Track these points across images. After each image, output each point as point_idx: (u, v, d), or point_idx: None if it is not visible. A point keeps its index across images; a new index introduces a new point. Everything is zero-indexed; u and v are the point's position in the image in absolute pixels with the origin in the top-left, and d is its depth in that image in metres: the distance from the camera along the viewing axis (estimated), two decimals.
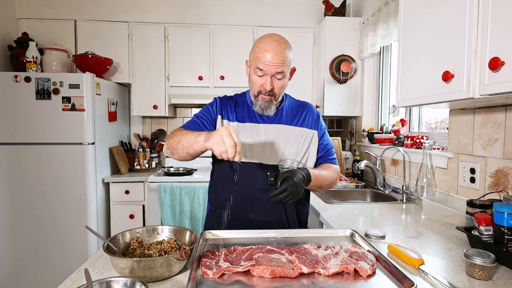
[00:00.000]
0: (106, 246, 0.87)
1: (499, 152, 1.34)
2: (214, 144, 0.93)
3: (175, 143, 1.10)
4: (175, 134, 1.15)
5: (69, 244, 2.38)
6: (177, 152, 1.11)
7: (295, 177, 1.07)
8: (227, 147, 0.91)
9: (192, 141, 1.04)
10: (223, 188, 1.25)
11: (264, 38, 1.17)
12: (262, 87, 1.17)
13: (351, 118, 2.99)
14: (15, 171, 2.33)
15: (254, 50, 1.17)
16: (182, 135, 1.10)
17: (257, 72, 1.16)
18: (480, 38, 1.01)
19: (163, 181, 2.51)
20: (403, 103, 1.48)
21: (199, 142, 1.02)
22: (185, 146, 1.07)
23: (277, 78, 1.16)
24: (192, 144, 1.04)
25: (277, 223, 1.23)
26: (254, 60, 1.16)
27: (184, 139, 1.08)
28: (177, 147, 1.10)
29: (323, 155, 1.32)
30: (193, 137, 1.04)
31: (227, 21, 2.93)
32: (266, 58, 1.12)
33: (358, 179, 2.46)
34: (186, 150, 1.08)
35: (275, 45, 1.13)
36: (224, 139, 0.91)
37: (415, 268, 0.91)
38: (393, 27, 2.15)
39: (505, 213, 0.93)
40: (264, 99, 1.19)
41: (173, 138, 1.13)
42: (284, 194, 1.05)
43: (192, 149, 1.06)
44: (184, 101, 2.85)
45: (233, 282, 0.79)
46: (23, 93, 2.30)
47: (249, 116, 1.26)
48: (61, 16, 2.79)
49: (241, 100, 1.31)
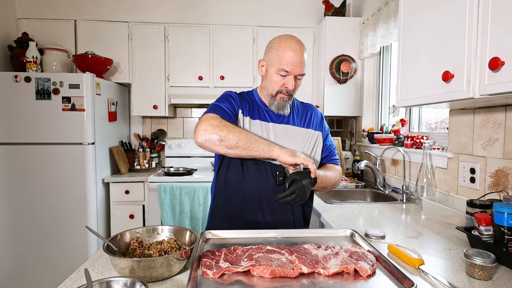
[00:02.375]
0: (106, 246, 0.87)
1: (499, 152, 1.34)
2: (305, 160, 1.09)
3: (242, 142, 1.07)
4: (229, 128, 1.08)
5: (69, 244, 2.38)
6: (237, 149, 1.08)
7: (303, 180, 1.08)
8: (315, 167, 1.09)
9: (267, 149, 1.09)
10: (231, 188, 1.24)
11: (288, 39, 1.18)
12: (284, 86, 1.19)
13: (351, 118, 2.99)
14: (15, 171, 2.33)
15: (278, 50, 1.17)
16: (247, 135, 1.09)
17: (280, 72, 1.17)
18: (480, 38, 1.01)
19: (163, 181, 2.51)
20: (403, 103, 1.48)
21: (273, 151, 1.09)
22: (255, 149, 1.08)
23: (298, 78, 1.20)
24: (265, 152, 1.09)
25: (284, 223, 1.24)
26: (278, 60, 1.17)
27: (255, 143, 1.08)
28: (242, 146, 1.07)
29: (326, 155, 1.35)
30: (267, 145, 1.10)
31: (227, 21, 2.93)
32: (293, 58, 1.15)
33: (358, 179, 2.46)
34: (253, 152, 1.09)
35: (299, 46, 1.17)
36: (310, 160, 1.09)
37: (415, 268, 0.91)
38: (393, 27, 2.15)
39: (505, 213, 0.93)
40: (282, 99, 1.21)
41: (232, 133, 1.07)
42: (292, 197, 1.07)
43: (261, 155, 1.10)
44: (184, 101, 2.85)
45: (233, 282, 0.79)
46: (23, 93, 2.30)
47: (259, 114, 1.25)
48: (61, 16, 2.79)
49: (249, 98, 1.30)
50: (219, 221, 1.26)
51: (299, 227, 1.27)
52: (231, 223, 1.23)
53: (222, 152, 1.10)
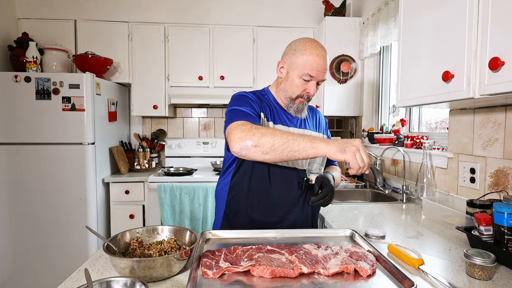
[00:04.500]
0: (106, 246, 0.87)
1: (499, 152, 1.34)
2: (353, 158, 0.91)
3: (277, 143, 0.95)
4: (262, 131, 0.97)
5: (69, 244, 2.38)
6: (275, 152, 0.95)
7: (331, 182, 1.12)
8: (365, 163, 0.92)
9: (309, 146, 0.94)
10: (255, 194, 1.22)
11: (313, 43, 1.16)
12: (306, 92, 1.18)
13: (351, 118, 2.98)
14: (15, 171, 2.33)
15: (303, 53, 1.14)
16: (283, 134, 0.96)
17: (304, 77, 1.15)
18: (480, 38, 1.01)
19: (163, 181, 2.51)
20: (403, 103, 1.48)
21: (320, 149, 0.94)
22: (294, 149, 0.95)
23: (319, 84, 1.20)
24: (308, 149, 0.94)
25: (304, 224, 1.27)
26: (303, 64, 1.14)
27: (292, 141, 0.95)
28: (280, 148, 0.95)
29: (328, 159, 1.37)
30: (309, 141, 0.95)
31: (227, 21, 2.93)
32: (318, 64, 1.14)
33: (358, 179, 2.46)
34: (294, 153, 0.95)
35: (324, 52, 1.17)
36: (362, 155, 0.92)
37: (415, 268, 0.91)
38: (393, 27, 2.15)
39: (505, 213, 0.93)
40: (302, 102, 1.21)
41: (266, 136, 0.96)
42: (326, 199, 1.10)
43: (304, 154, 0.95)
44: (184, 101, 2.85)
45: (233, 282, 0.79)
46: (23, 93, 2.30)
47: (279, 118, 1.23)
48: (61, 16, 2.79)
49: (265, 99, 1.25)
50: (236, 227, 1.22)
51: (315, 226, 1.33)
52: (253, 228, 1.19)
53: (260, 159, 0.99)
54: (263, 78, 2.93)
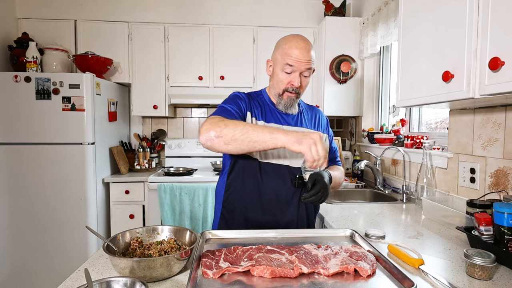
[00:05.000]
0: (106, 246, 0.87)
1: (499, 152, 1.34)
2: (308, 150, 0.91)
3: (238, 134, 0.98)
4: (227, 123, 1.01)
5: (69, 244, 2.38)
6: (236, 143, 0.99)
7: (325, 179, 1.08)
8: (320, 156, 0.91)
9: (268, 137, 0.96)
10: (247, 193, 1.22)
11: (292, 36, 1.19)
12: (290, 84, 1.18)
13: (351, 118, 2.98)
14: (15, 171, 2.33)
15: (282, 47, 1.18)
16: (245, 126, 1.00)
17: (285, 69, 1.16)
18: (480, 38, 1.01)
19: (163, 181, 2.50)
20: (403, 103, 1.48)
21: (278, 139, 0.95)
22: (254, 140, 0.97)
23: (304, 75, 1.18)
24: (267, 140, 0.96)
25: (300, 224, 1.25)
26: (282, 57, 1.16)
27: (252, 132, 0.97)
28: (240, 138, 0.98)
29: (332, 158, 1.37)
30: (268, 132, 0.96)
31: (227, 21, 2.93)
32: (297, 54, 1.14)
33: (358, 179, 2.46)
34: (253, 144, 0.97)
35: (304, 43, 1.17)
36: (318, 148, 0.91)
37: (415, 268, 0.91)
38: (393, 27, 2.15)
39: (505, 213, 0.93)
40: (289, 97, 1.20)
41: (228, 127, 1.00)
42: (318, 195, 1.05)
43: (264, 145, 0.97)
44: (184, 101, 2.85)
45: (233, 282, 0.79)
46: (23, 93, 2.30)
47: (273, 116, 1.24)
48: (61, 16, 2.79)
49: (260, 99, 1.27)
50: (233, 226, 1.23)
51: (312, 225, 1.30)
52: (248, 227, 1.20)
53: (223, 150, 1.02)
54: (263, 78, 2.93)
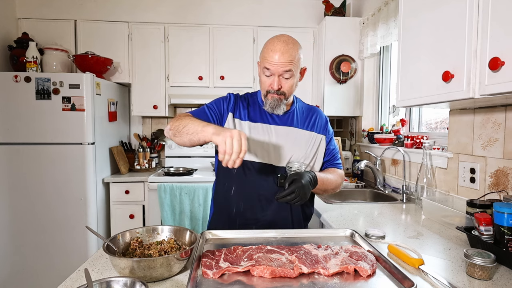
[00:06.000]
0: (106, 246, 0.87)
1: (499, 152, 1.34)
2: (222, 142, 0.95)
3: (181, 126, 1.10)
4: (181, 118, 1.14)
5: (69, 244, 2.38)
6: (180, 135, 1.11)
7: (302, 179, 1.08)
8: (233, 151, 0.93)
9: (200, 129, 1.04)
10: (231, 187, 1.25)
11: (273, 39, 1.19)
12: (270, 86, 1.19)
13: (351, 118, 2.98)
14: (15, 171, 2.33)
15: (263, 51, 1.20)
16: (190, 120, 1.10)
17: (265, 72, 1.18)
18: (480, 38, 1.01)
19: (163, 181, 2.50)
20: (403, 103, 1.48)
21: (206, 132, 1.02)
22: (190, 132, 1.07)
23: (285, 77, 1.18)
24: (199, 132, 1.05)
25: (283, 224, 1.24)
26: (262, 60, 1.19)
27: (191, 125, 1.08)
28: (182, 130, 1.10)
29: (329, 159, 1.35)
30: (202, 125, 1.05)
31: (227, 21, 2.93)
32: (273, 58, 1.14)
33: (358, 179, 2.46)
34: (190, 136, 1.08)
35: (282, 45, 1.15)
36: (233, 143, 0.93)
37: (415, 268, 0.91)
38: (393, 27, 2.15)
39: (505, 213, 0.92)
40: (273, 98, 1.20)
41: (179, 121, 1.13)
42: (292, 196, 1.06)
43: (197, 137, 1.06)
44: (184, 101, 2.85)
45: (233, 282, 0.79)
46: (23, 93, 2.30)
47: (261, 116, 1.26)
48: (61, 16, 2.79)
49: (252, 100, 1.31)
50: (221, 221, 1.27)
51: (298, 227, 1.28)
52: (231, 223, 1.23)
53: (175, 142, 1.15)
54: None
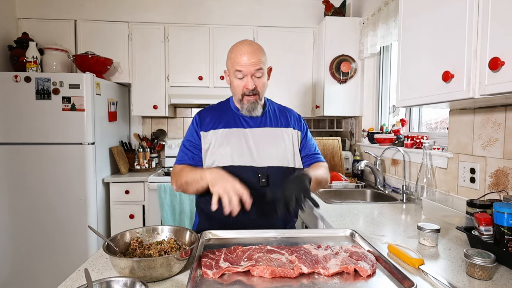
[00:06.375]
0: (106, 246, 0.87)
1: (499, 152, 1.34)
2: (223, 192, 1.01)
3: (184, 184, 1.20)
4: (179, 175, 1.22)
5: (69, 244, 2.38)
6: (188, 190, 1.22)
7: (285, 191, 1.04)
8: (233, 206, 1.00)
9: (198, 178, 1.14)
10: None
11: (237, 45, 1.24)
12: (245, 88, 1.22)
13: (351, 118, 2.98)
14: (15, 171, 2.33)
15: (230, 57, 1.24)
16: (186, 174, 1.20)
17: (237, 75, 1.22)
18: (480, 38, 1.01)
19: (163, 181, 2.50)
20: (403, 103, 1.48)
21: (204, 182, 1.11)
22: (193, 186, 1.17)
23: (257, 76, 1.22)
24: (198, 180, 1.14)
25: (270, 223, 1.24)
26: (232, 65, 1.23)
27: (189, 179, 1.18)
28: (186, 188, 1.20)
29: (309, 154, 1.36)
30: (198, 176, 1.14)
31: (227, 21, 2.93)
32: (243, 59, 1.19)
33: (358, 179, 2.46)
34: (195, 188, 1.17)
35: (249, 47, 1.21)
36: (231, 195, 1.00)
37: (415, 268, 0.91)
38: (393, 27, 2.15)
39: (505, 213, 0.93)
40: (249, 101, 1.24)
41: (180, 179, 1.21)
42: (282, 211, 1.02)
43: (201, 187, 1.14)
44: (184, 101, 2.85)
45: (233, 282, 0.79)
46: (23, 93, 2.30)
47: (235, 122, 1.29)
48: (61, 16, 2.79)
49: (225, 107, 1.34)
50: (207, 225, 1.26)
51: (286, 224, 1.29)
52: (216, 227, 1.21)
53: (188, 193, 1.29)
54: None
